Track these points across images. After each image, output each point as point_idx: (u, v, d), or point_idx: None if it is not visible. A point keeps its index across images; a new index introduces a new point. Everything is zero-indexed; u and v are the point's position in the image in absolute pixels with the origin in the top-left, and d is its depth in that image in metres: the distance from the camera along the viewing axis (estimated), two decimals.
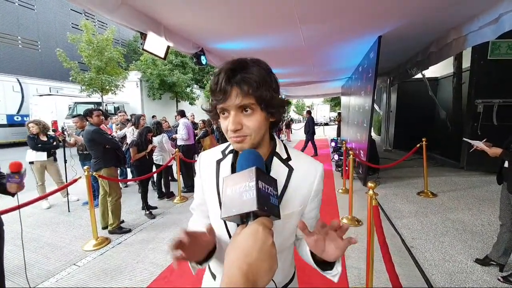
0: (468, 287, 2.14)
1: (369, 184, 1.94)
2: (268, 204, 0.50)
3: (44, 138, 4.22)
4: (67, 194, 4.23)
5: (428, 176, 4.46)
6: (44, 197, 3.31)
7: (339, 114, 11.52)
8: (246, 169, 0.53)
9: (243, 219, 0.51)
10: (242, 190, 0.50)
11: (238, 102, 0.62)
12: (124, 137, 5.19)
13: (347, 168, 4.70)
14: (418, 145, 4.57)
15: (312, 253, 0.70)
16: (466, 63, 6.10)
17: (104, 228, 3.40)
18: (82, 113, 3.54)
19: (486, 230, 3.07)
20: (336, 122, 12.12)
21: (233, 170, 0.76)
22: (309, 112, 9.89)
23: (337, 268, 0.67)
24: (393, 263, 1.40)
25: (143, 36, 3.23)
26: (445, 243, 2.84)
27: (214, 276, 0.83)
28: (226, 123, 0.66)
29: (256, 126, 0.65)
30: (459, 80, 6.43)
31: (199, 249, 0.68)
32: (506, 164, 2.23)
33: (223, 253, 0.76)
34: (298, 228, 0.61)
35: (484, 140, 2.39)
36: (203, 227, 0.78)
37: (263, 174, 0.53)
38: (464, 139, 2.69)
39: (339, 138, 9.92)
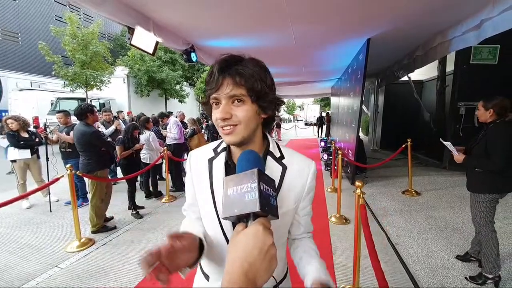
0: (446, 287, 2.23)
1: (357, 183, 1.98)
2: (269, 205, 0.51)
3: (25, 135, 4.02)
4: (49, 193, 4.06)
5: (413, 176, 4.61)
6: (24, 196, 3.17)
7: (319, 118, 11.61)
8: (247, 170, 0.54)
9: (243, 219, 0.52)
10: (244, 191, 0.51)
11: (228, 91, 0.63)
12: (113, 133, 5.03)
13: (335, 167, 4.78)
14: (403, 146, 4.71)
15: None
16: (450, 67, 6.32)
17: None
18: (76, 111, 3.27)
19: (467, 227, 3.20)
20: (326, 122, 12.34)
21: (227, 169, 0.74)
22: None
23: None
24: (379, 260, 1.43)
25: (131, 30, 3.13)
26: (428, 240, 2.94)
27: (207, 277, 0.81)
28: (217, 113, 0.66)
29: (245, 116, 0.65)
30: (443, 83, 6.66)
31: (188, 253, 0.64)
32: None
33: (216, 253, 0.76)
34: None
35: (454, 146, 2.44)
36: (197, 230, 0.76)
37: (264, 175, 0.55)
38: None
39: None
